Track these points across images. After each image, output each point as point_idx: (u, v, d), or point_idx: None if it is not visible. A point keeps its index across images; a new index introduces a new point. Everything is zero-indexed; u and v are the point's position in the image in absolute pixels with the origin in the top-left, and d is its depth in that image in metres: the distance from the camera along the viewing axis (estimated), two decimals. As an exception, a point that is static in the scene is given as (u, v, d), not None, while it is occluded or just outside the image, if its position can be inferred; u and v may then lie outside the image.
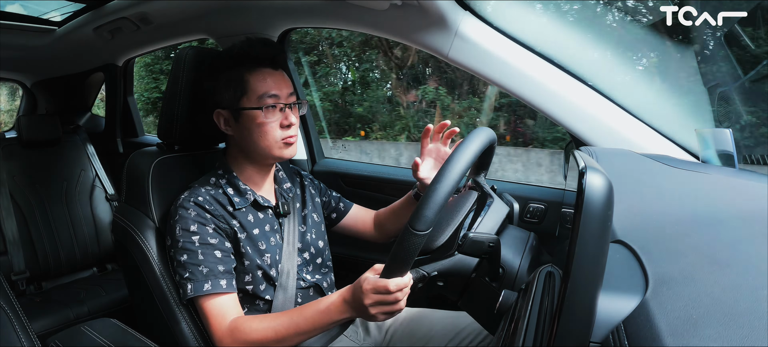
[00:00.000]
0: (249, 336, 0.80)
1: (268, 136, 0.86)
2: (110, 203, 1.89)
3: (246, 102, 0.86)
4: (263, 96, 0.85)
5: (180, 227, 0.83)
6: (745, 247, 0.47)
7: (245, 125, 0.86)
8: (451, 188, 0.62)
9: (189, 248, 0.83)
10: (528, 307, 0.48)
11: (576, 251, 0.35)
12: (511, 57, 1.01)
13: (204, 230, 0.83)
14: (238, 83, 0.86)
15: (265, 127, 0.85)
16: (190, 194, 0.86)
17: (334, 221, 1.11)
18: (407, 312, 1.01)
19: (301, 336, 0.79)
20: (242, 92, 0.86)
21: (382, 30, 1.15)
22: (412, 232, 0.62)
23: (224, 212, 0.87)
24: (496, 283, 0.75)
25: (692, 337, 0.32)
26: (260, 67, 0.87)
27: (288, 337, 0.79)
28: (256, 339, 0.79)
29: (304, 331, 0.79)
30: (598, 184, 0.35)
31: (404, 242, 0.63)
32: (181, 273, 0.83)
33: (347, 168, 1.45)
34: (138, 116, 2.10)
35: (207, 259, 0.83)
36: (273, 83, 0.86)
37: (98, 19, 1.58)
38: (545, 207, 1.14)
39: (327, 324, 0.78)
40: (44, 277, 1.70)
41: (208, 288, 0.82)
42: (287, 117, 0.87)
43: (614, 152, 0.90)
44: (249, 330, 0.80)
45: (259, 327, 0.80)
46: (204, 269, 0.82)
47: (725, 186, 0.72)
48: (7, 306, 0.67)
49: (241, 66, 0.86)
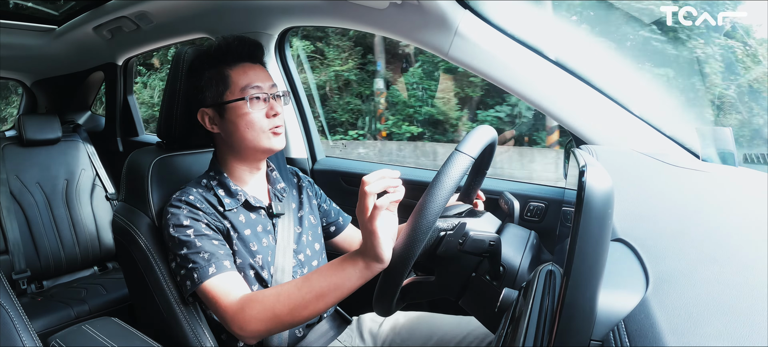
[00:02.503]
0: (262, 303, 0.75)
1: (254, 126, 0.86)
2: (110, 203, 1.90)
3: (229, 96, 0.86)
4: (246, 88, 0.86)
5: (173, 224, 0.83)
6: (746, 245, 0.47)
7: (230, 119, 0.87)
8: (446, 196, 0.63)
9: (185, 241, 0.82)
10: (529, 306, 0.48)
11: (576, 250, 0.35)
12: (511, 55, 1.01)
13: (197, 224, 0.83)
14: (220, 79, 0.87)
15: (250, 117, 0.85)
16: (181, 193, 0.86)
17: (332, 235, 1.08)
18: (405, 316, 1.00)
19: (316, 297, 0.72)
20: (225, 87, 0.87)
21: (382, 29, 1.15)
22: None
23: (215, 212, 0.86)
24: (496, 282, 0.75)
25: (693, 335, 0.32)
26: (241, 62, 0.88)
27: (302, 300, 0.73)
28: (269, 305, 0.75)
29: (318, 290, 0.72)
30: (599, 182, 0.35)
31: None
32: (183, 266, 0.82)
33: (348, 167, 1.45)
34: (138, 115, 2.09)
35: (205, 246, 0.82)
36: (254, 76, 0.87)
37: (98, 19, 1.58)
38: (546, 206, 1.14)
39: (342, 277, 0.71)
40: (45, 276, 1.70)
41: (213, 270, 0.80)
42: (272, 107, 0.87)
43: (614, 151, 0.90)
44: (262, 298, 0.76)
45: (271, 293, 0.76)
46: (204, 255, 0.81)
47: (725, 184, 0.72)
48: (7, 305, 0.68)
49: (221, 63, 0.88)
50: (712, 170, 0.80)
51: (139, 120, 2.09)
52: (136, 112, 2.09)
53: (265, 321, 0.75)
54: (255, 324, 0.76)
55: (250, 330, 0.76)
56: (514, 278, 0.74)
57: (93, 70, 2.03)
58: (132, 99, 2.07)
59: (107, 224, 1.85)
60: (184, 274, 0.82)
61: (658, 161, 0.82)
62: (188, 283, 0.82)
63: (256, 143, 0.87)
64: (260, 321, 0.75)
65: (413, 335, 0.96)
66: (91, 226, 1.82)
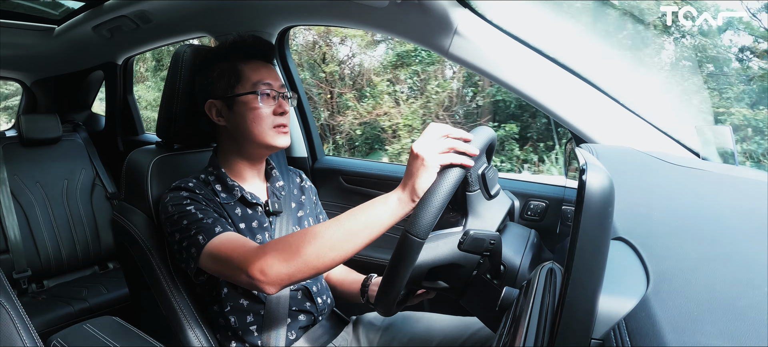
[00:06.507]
0: (287, 241, 0.70)
1: (262, 121, 0.87)
2: (111, 202, 1.89)
3: (240, 89, 0.87)
4: (257, 83, 0.87)
5: (172, 204, 0.83)
6: (746, 243, 0.47)
7: (239, 112, 0.88)
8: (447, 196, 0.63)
9: (187, 213, 0.81)
10: (529, 304, 0.48)
11: (577, 249, 0.35)
12: (511, 54, 1.00)
13: (197, 204, 0.83)
14: (233, 72, 0.88)
15: (259, 111, 0.87)
16: (179, 182, 0.87)
17: None
18: (404, 317, 0.99)
19: (346, 237, 0.68)
20: (237, 80, 0.88)
21: (381, 28, 1.15)
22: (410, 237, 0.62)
23: (213, 200, 0.87)
24: (497, 281, 0.75)
25: (693, 333, 0.32)
26: (254, 59, 0.90)
27: (331, 239, 0.68)
28: (295, 244, 0.69)
29: (348, 228, 0.68)
30: (599, 181, 0.35)
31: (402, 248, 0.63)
32: (186, 237, 0.79)
33: (348, 166, 1.45)
34: (138, 114, 2.09)
35: (208, 215, 0.82)
36: (266, 74, 0.89)
37: (97, 18, 1.58)
38: (546, 204, 1.14)
39: (372, 216, 0.68)
40: (46, 275, 1.70)
41: (219, 229, 0.79)
42: (281, 105, 0.89)
43: (615, 149, 0.90)
44: (286, 237, 0.71)
45: (296, 233, 0.71)
46: (208, 220, 0.80)
47: (725, 183, 0.72)
48: (8, 304, 0.68)
49: (235, 57, 0.89)
50: (713, 168, 0.80)
51: (139, 119, 2.09)
52: (136, 111, 2.09)
53: (290, 261, 0.69)
54: (278, 266, 0.69)
55: (273, 274, 0.70)
56: (515, 277, 0.74)
57: (93, 69, 2.03)
58: (132, 98, 2.07)
59: (107, 223, 1.85)
60: (187, 245, 0.79)
61: (658, 159, 0.82)
62: (193, 250, 0.78)
63: (261, 138, 0.88)
64: (284, 262, 0.69)
65: (413, 336, 0.95)
66: (92, 225, 1.82)
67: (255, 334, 0.88)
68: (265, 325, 0.88)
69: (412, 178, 0.67)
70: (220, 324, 0.89)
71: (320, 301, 0.95)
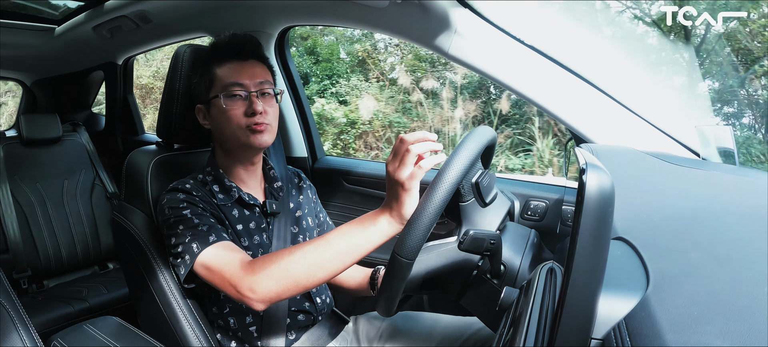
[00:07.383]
0: (276, 261, 0.71)
1: (231, 122, 0.87)
2: (111, 202, 1.89)
3: (213, 92, 0.89)
4: (227, 86, 0.87)
5: (169, 207, 0.84)
6: (746, 243, 0.47)
7: (214, 115, 0.89)
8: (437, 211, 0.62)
9: (183, 218, 0.81)
10: (529, 304, 0.48)
11: (577, 249, 0.35)
12: (511, 54, 1.00)
13: (194, 207, 0.84)
14: (208, 76, 0.89)
15: (228, 113, 0.87)
16: (177, 183, 0.88)
17: None
18: (404, 317, 0.99)
19: (335, 256, 0.69)
20: (210, 84, 0.89)
21: (381, 28, 1.15)
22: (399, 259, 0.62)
23: (209, 202, 0.87)
24: (497, 280, 0.75)
25: (693, 333, 0.32)
26: (227, 60, 0.89)
27: (319, 259, 0.69)
28: (284, 263, 0.70)
29: (336, 249, 0.68)
30: (599, 181, 0.35)
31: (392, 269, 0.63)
32: (181, 243, 0.79)
33: (349, 166, 1.45)
34: (138, 114, 2.09)
35: (203, 221, 0.82)
36: (238, 73, 0.88)
37: (97, 18, 1.58)
38: (546, 204, 1.14)
39: (362, 236, 0.68)
40: (46, 275, 1.70)
41: (213, 239, 0.79)
42: (252, 105, 0.86)
43: (615, 149, 0.90)
44: (275, 257, 0.72)
45: (285, 252, 0.72)
46: (203, 227, 0.80)
47: (726, 183, 0.72)
48: (8, 304, 0.68)
49: (211, 61, 0.90)
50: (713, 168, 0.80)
51: (140, 119, 2.09)
52: (136, 111, 2.09)
53: (279, 279, 0.70)
54: (267, 284, 0.70)
55: (262, 291, 0.71)
56: (515, 276, 0.74)
57: (93, 69, 2.03)
58: (132, 98, 2.07)
59: (107, 223, 1.85)
60: (181, 251, 0.79)
61: (658, 159, 0.82)
62: (187, 257, 0.78)
63: (235, 139, 0.88)
64: (273, 280, 0.70)
65: (413, 336, 0.95)
66: (92, 225, 1.82)
67: (254, 335, 0.88)
68: (265, 326, 0.88)
69: (396, 204, 0.67)
70: (219, 324, 0.89)
71: (319, 301, 0.95)
